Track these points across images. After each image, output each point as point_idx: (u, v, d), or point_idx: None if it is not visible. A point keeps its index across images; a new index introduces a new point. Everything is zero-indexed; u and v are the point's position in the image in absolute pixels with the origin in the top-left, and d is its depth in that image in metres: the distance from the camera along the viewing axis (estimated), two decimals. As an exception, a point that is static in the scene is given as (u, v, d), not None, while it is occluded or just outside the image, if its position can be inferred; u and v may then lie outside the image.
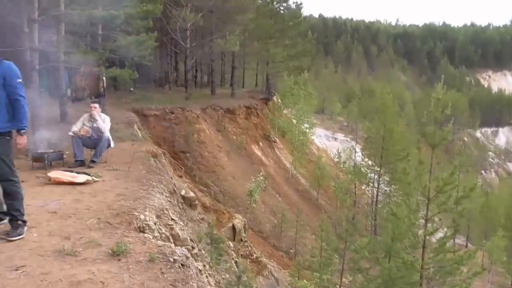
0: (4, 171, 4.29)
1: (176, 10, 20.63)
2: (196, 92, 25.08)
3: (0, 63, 4.26)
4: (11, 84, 4.24)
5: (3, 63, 4.28)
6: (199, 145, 18.82)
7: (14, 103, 4.27)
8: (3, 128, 4.24)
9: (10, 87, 4.24)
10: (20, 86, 4.32)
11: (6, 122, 4.24)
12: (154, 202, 5.95)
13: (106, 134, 7.81)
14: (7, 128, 4.26)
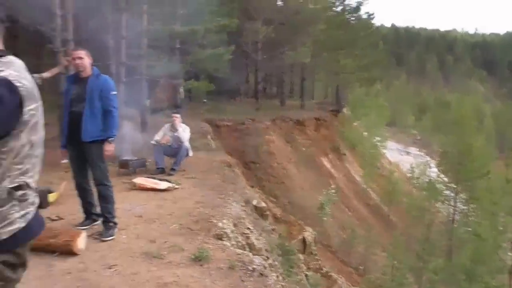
0: (99, 176, 4.63)
1: (248, 23, 21.10)
2: (266, 104, 25.37)
3: (99, 76, 4.63)
4: (106, 96, 4.58)
5: (101, 77, 4.64)
6: (269, 156, 18.93)
7: (107, 113, 4.60)
8: (98, 136, 4.57)
9: (105, 99, 4.58)
10: (114, 98, 4.65)
11: (101, 131, 4.57)
12: (230, 211, 6.10)
13: (185, 143, 8.15)
14: (102, 136, 4.58)
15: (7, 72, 1.55)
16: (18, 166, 1.61)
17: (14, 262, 1.67)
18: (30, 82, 1.65)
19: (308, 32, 24.42)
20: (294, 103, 28.70)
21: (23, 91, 1.56)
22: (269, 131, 20.12)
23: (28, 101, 1.59)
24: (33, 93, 1.64)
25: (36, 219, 1.75)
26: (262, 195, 12.73)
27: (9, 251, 1.63)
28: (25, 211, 1.67)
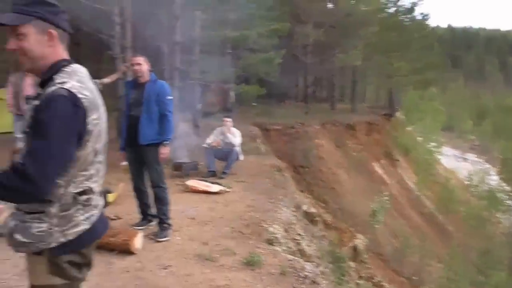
0: (155, 178, 4.77)
1: (298, 27, 21.04)
2: (315, 107, 25.16)
3: (155, 82, 4.78)
4: (163, 100, 4.71)
5: (157, 82, 4.80)
6: (318, 161, 18.71)
7: (163, 117, 4.73)
8: (155, 139, 4.71)
9: (161, 103, 4.72)
10: (169, 103, 4.78)
11: (157, 134, 4.70)
12: (281, 216, 6.09)
13: (236, 147, 8.23)
14: (158, 140, 4.72)
15: (70, 84, 1.59)
16: (83, 172, 1.68)
17: (80, 262, 1.74)
18: (93, 92, 1.68)
19: (359, 35, 24.00)
20: (344, 106, 28.28)
21: (85, 102, 1.60)
22: (319, 135, 19.91)
23: (91, 111, 1.62)
24: (95, 102, 1.68)
25: (100, 220, 1.82)
26: (312, 200, 12.60)
27: (74, 252, 1.70)
28: (89, 214, 1.73)
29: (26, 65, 1.69)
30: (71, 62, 1.71)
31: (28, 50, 1.64)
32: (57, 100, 1.54)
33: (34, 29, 1.63)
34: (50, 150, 1.50)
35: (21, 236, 1.64)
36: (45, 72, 1.67)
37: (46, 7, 1.66)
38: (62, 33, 1.70)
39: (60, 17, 1.69)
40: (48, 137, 1.51)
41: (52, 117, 1.52)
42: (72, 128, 1.56)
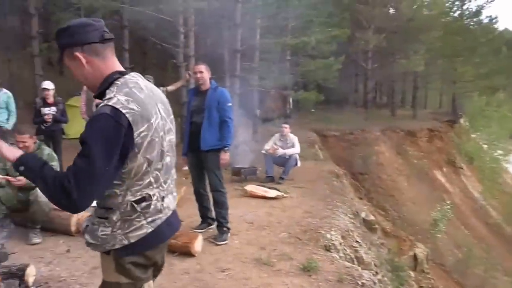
0: (215, 182, 4.93)
1: (359, 32, 20.79)
2: (375, 113, 24.66)
3: (216, 89, 4.91)
4: (223, 107, 4.84)
5: (218, 89, 4.93)
6: (378, 167, 18.35)
7: (223, 123, 4.85)
8: (216, 145, 4.87)
9: (222, 110, 4.85)
10: (229, 109, 4.91)
11: (217, 140, 4.83)
12: (339, 222, 6.07)
13: (294, 153, 8.30)
14: (218, 145, 4.85)
15: (115, 99, 1.62)
16: (139, 182, 1.72)
17: (144, 263, 1.81)
18: (142, 103, 1.67)
19: (421, 40, 23.30)
20: (405, 113, 27.48)
21: (130, 117, 1.61)
22: (379, 141, 19.52)
23: (137, 124, 1.63)
24: (144, 114, 1.66)
25: (168, 223, 1.85)
26: (370, 207, 12.40)
27: (138, 254, 1.77)
28: (153, 218, 1.78)
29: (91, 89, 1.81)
30: (123, 73, 1.74)
31: (75, 76, 1.76)
32: (100, 120, 1.59)
33: (67, 58, 1.73)
34: (91, 170, 1.56)
35: (90, 238, 1.78)
36: (99, 87, 1.74)
37: (62, 34, 1.72)
38: (89, 47, 1.70)
39: (80, 34, 1.69)
40: (90, 157, 1.56)
41: (94, 137, 1.58)
42: (114, 146, 1.59)
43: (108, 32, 1.74)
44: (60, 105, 7.39)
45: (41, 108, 7.22)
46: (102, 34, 1.72)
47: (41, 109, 7.21)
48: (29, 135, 4.63)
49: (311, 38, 9.79)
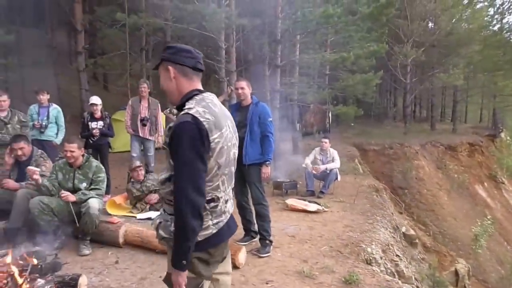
0: (257, 196, 5.01)
1: (397, 47, 20.64)
2: (414, 127, 24.26)
3: (257, 104, 5.00)
4: (264, 122, 4.91)
5: (259, 104, 5.02)
6: (418, 182, 17.99)
7: (265, 138, 4.92)
8: (257, 159, 4.94)
9: (263, 125, 4.91)
10: (270, 124, 4.98)
11: (259, 154, 4.90)
12: (379, 236, 6.04)
13: (335, 167, 8.31)
14: (260, 160, 4.92)
15: (194, 110, 1.92)
16: (209, 183, 1.97)
17: (207, 259, 2.03)
18: (216, 115, 1.97)
19: (460, 54, 22.87)
20: (445, 127, 26.90)
21: (207, 125, 1.90)
22: (419, 156, 19.16)
23: (212, 131, 1.92)
24: (217, 124, 1.96)
25: (228, 225, 2.11)
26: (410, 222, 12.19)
27: (203, 250, 1.99)
28: (217, 220, 2.03)
29: (167, 97, 2.14)
30: (202, 91, 2.06)
31: (161, 85, 2.10)
32: (184, 127, 1.88)
33: (162, 68, 2.08)
34: (185, 172, 1.87)
35: (163, 232, 2.01)
36: (179, 100, 2.06)
37: (168, 50, 2.09)
38: (181, 68, 2.05)
39: (180, 56, 2.05)
40: (181, 161, 1.87)
41: (184, 143, 1.86)
42: (198, 147, 1.87)
43: (201, 64, 2.12)
44: (107, 120, 7.62)
45: (89, 122, 7.47)
46: (196, 63, 2.08)
47: (88, 123, 7.46)
48: (77, 145, 4.81)
49: (351, 54, 9.80)
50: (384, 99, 27.81)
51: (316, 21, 9.45)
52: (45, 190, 4.69)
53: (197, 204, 1.88)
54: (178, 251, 1.89)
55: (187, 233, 1.86)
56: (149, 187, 6.54)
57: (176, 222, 1.89)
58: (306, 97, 10.74)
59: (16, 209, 4.66)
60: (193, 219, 1.86)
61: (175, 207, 1.88)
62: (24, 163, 5.06)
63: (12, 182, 4.96)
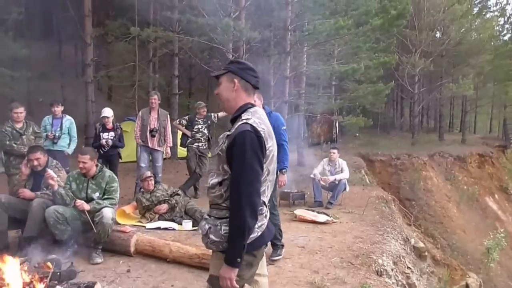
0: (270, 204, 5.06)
1: (405, 57, 20.67)
2: (422, 138, 24.18)
3: (270, 114, 5.04)
4: (279, 131, 4.92)
5: (272, 114, 5.08)
6: (426, 193, 17.87)
7: (280, 147, 4.92)
8: None
9: (278, 134, 4.91)
10: (284, 133, 5.07)
11: None
12: (390, 248, 6.02)
13: (344, 178, 8.30)
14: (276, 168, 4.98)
15: (252, 120, 2.11)
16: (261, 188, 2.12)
17: (251, 262, 2.15)
18: (268, 126, 2.19)
19: (470, 64, 22.84)
20: (454, 137, 26.74)
21: (263, 134, 2.09)
22: (427, 167, 19.06)
23: (267, 140, 2.12)
24: (270, 134, 2.18)
25: (268, 229, 2.24)
26: (419, 234, 12.07)
27: (248, 252, 2.09)
28: (261, 223, 2.16)
29: (221, 105, 2.32)
30: (254, 106, 2.25)
31: (220, 93, 2.28)
32: (245, 136, 2.05)
33: (226, 78, 2.25)
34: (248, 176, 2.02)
35: (214, 236, 2.11)
36: (234, 112, 2.24)
37: (236, 64, 2.29)
38: (244, 83, 2.24)
39: (246, 72, 2.25)
40: (244, 165, 2.02)
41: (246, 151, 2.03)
42: (259, 153, 2.06)
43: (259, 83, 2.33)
44: (118, 131, 7.80)
45: (100, 133, 7.64)
46: (256, 82, 2.29)
47: (100, 134, 7.63)
48: (89, 156, 4.91)
49: (361, 65, 9.84)
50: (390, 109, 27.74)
51: (327, 32, 9.53)
52: (60, 199, 4.77)
53: (256, 205, 2.04)
54: (234, 249, 2.02)
55: (244, 232, 2.01)
56: (158, 197, 6.59)
57: (234, 221, 2.03)
58: (313, 107, 10.79)
59: (32, 218, 4.73)
60: (251, 219, 2.01)
61: (235, 207, 2.02)
62: (40, 173, 5.14)
63: (28, 192, 5.04)
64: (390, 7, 11.11)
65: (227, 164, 2.10)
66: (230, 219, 2.05)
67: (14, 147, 6.28)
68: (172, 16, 12.04)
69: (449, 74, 23.81)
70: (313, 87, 12.71)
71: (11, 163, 6.36)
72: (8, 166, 6.41)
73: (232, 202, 2.04)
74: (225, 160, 2.11)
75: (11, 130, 6.34)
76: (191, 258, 4.61)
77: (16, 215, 4.92)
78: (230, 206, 2.06)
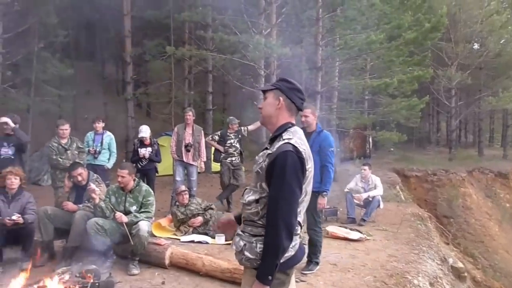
0: (311, 222, 5.10)
1: (441, 70, 20.26)
2: (460, 153, 23.46)
3: (320, 133, 5.00)
4: (325, 152, 4.91)
5: (322, 133, 5.01)
6: (465, 211, 17.27)
7: (324, 168, 4.90)
8: (315, 187, 4.92)
9: (323, 154, 4.90)
10: (331, 155, 4.97)
11: (317, 183, 4.74)
12: (426, 268, 5.89)
13: (377, 195, 8.18)
14: (317, 189, 4.76)
15: (294, 140, 2.12)
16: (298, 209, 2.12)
17: (284, 280, 2.16)
18: (307, 147, 2.20)
19: (511, 76, 22.09)
20: (494, 152, 25.79)
21: (304, 154, 2.11)
22: (465, 183, 18.45)
23: (307, 161, 2.13)
24: (309, 155, 2.18)
25: (300, 248, 2.26)
26: (458, 254, 11.69)
27: (281, 271, 2.10)
28: (295, 243, 2.16)
29: (260, 119, 2.35)
30: (294, 125, 2.26)
31: (264, 108, 2.29)
32: (287, 156, 2.05)
33: (273, 94, 2.27)
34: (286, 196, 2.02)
35: (250, 254, 2.12)
36: (275, 130, 2.24)
37: (286, 83, 2.28)
38: (289, 103, 2.25)
39: (293, 93, 2.26)
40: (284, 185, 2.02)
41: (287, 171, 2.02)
42: (299, 174, 2.06)
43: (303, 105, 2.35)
44: (155, 146, 8.07)
45: (139, 148, 7.92)
46: (300, 104, 2.31)
47: (138, 149, 7.90)
48: (128, 171, 5.14)
49: (394, 79, 9.73)
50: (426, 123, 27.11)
51: (358, 47, 9.52)
52: (100, 212, 5.00)
53: (292, 226, 2.05)
54: (266, 267, 2.03)
55: (278, 251, 2.01)
56: (193, 211, 6.73)
57: (270, 240, 2.03)
58: (345, 122, 10.73)
59: (75, 229, 5.01)
60: (286, 240, 2.02)
61: (271, 226, 2.03)
62: (82, 187, 5.44)
63: (71, 204, 5.33)
64: (424, 20, 10.97)
65: (265, 182, 2.10)
66: (265, 237, 2.05)
67: (60, 161, 6.71)
68: (206, 35, 12.36)
69: (488, 87, 23.09)
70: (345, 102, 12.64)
71: (57, 176, 6.80)
72: (54, 179, 6.89)
73: (269, 221, 2.04)
74: (264, 178, 2.11)
75: (57, 145, 6.80)
76: (223, 273, 4.68)
77: (61, 226, 5.23)
78: (266, 225, 2.06)
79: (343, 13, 10.37)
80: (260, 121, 2.38)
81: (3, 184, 5.06)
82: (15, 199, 5.06)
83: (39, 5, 11.28)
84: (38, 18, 11.29)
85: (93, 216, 5.03)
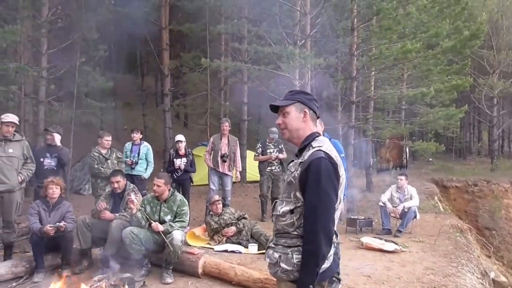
0: None
1: (482, 78, 19.66)
2: (503, 163, 22.56)
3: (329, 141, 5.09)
4: None
5: (330, 141, 5.09)
6: (508, 223, 16.56)
7: None
8: None
9: None
10: (343, 160, 5.04)
11: None
12: (465, 282, 5.70)
13: (413, 206, 8.01)
14: None
15: (324, 147, 2.14)
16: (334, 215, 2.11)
17: None
18: (337, 154, 2.19)
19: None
20: (540, 163, 24.69)
21: (336, 160, 2.12)
22: (509, 194, 17.72)
23: (340, 167, 2.13)
24: (340, 161, 2.17)
25: (334, 261, 2.22)
26: (500, 267, 11.26)
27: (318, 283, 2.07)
28: (331, 252, 2.13)
29: (285, 135, 2.31)
30: (320, 135, 2.29)
31: (288, 123, 2.27)
32: (320, 163, 2.05)
33: (295, 108, 2.26)
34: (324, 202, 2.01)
35: (286, 265, 2.08)
36: (303, 141, 2.25)
37: (303, 95, 2.32)
38: (312, 114, 2.29)
39: (312, 103, 2.31)
40: (321, 192, 2.01)
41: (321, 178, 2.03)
42: (334, 180, 2.06)
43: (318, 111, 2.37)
44: (190, 157, 8.25)
45: (174, 159, 8.11)
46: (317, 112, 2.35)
47: (173, 160, 8.10)
48: (164, 180, 5.27)
49: (431, 89, 9.53)
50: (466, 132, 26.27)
51: (394, 57, 9.42)
52: (136, 222, 5.14)
53: (331, 233, 2.05)
54: (307, 276, 1.99)
55: (318, 259, 1.99)
56: (226, 220, 6.79)
57: (310, 247, 2.00)
58: (382, 132, 10.58)
59: (111, 238, 5.17)
60: (326, 247, 2.01)
61: (310, 234, 2.00)
62: (118, 195, 5.61)
63: (108, 213, 5.51)
64: (464, 27, 10.73)
65: (299, 191, 2.08)
66: (304, 245, 2.02)
67: (101, 170, 6.98)
68: (241, 47, 12.55)
69: (532, 95, 22.25)
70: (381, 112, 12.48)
71: (98, 185, 7.06)
72: (96, 188, 7.14)
73: (307, 229, 2.01)
74: (298, 187, 2.09)
75: (98, 155, 7.09)
76: (255, 283, 4.72)
77: (98, 235, 5.40)
78: (305, 233, 2.03)
79: (378, 22, 10.32)
80: (285, 137, 2.34)
81: (44, 194, 5.28)
82: (56, 208, 5.25)
83: (81, 21, 11.81)
84: (80, 33, 11.80)
85: (129, 225, 5.17)
